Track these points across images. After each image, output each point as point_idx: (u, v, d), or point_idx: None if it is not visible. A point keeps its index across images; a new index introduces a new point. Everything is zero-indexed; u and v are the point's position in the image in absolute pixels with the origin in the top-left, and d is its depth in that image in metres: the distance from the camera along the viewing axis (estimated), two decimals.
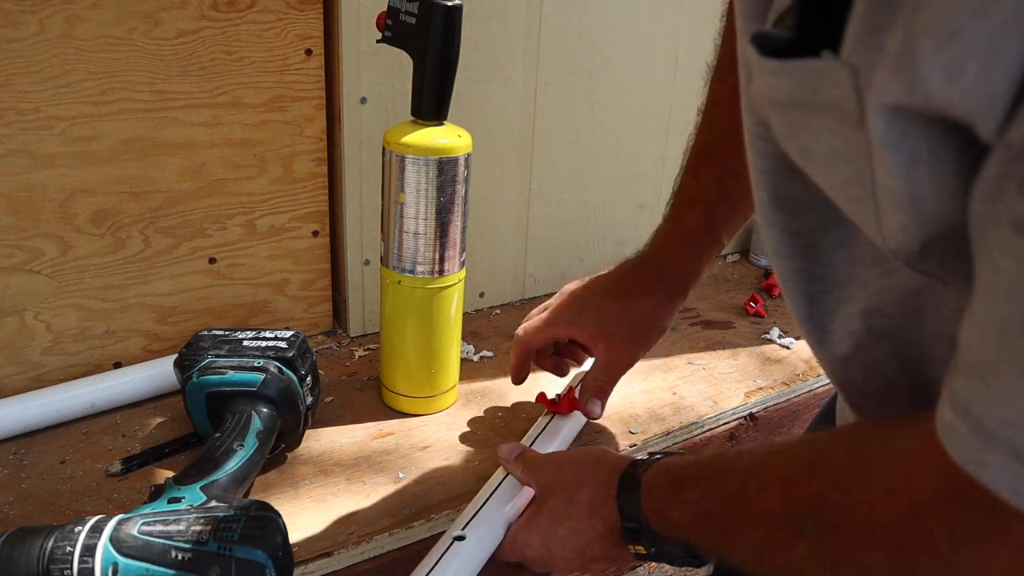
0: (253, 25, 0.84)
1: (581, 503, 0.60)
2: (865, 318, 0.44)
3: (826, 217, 0.43)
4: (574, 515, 0.60)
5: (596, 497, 0.59)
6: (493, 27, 0.97)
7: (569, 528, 0.60)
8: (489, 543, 0.66)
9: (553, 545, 0.61)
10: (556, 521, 0.61)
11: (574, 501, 0.60)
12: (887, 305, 0.42)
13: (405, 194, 0.77)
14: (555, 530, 0.61)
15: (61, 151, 0.79)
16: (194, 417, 0.76)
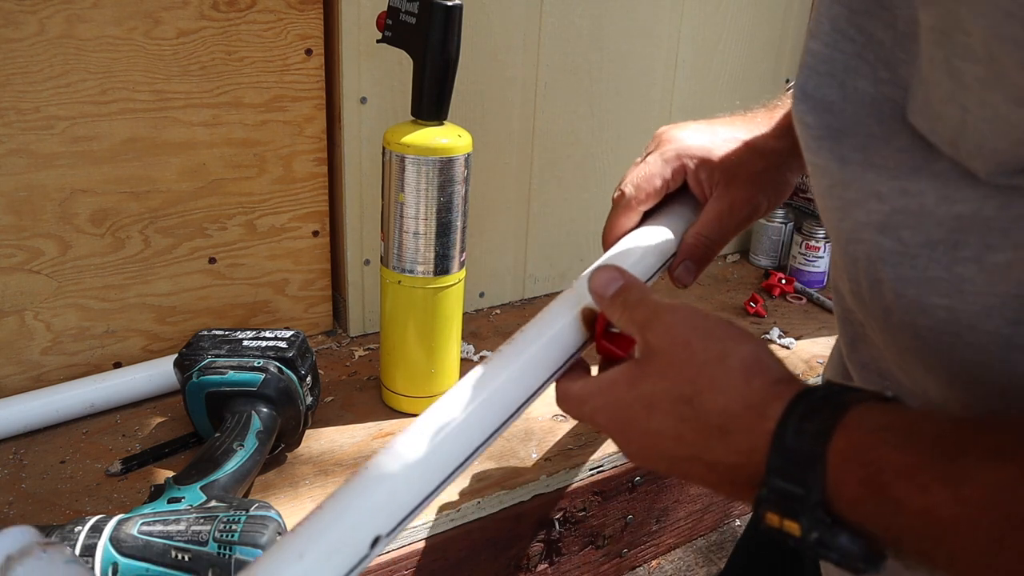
0: (253, 25, 0.84)
1: (705, 409, 0.39)
2: (877, 233, 0.37)
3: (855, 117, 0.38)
4: (687, 419, 0.39)
5: (733, 413, 0.38)
6: (493, 27, 0.97)
7: (671, 430, 0.40)
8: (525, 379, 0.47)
9: (632, 434, 0.42)
10: (653, 408, 0.41)
11: (694, 401, 0.39)
12: (903, 229, 0.36)
13: (405, 194, 0.77)
14: (648, 418, 0.41)
15: (61, 151, 0.79)
16: (194, 417, 0.76)
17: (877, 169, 0.37)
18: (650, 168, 0.59)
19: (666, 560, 1.00)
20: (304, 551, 0.38)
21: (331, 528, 0.40)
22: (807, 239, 1.25)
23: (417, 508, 0.42)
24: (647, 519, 0.92)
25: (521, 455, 0.82)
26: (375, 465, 0.42)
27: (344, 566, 0.39)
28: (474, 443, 0.45)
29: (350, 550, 0.40)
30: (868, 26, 0.38)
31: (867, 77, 0.38)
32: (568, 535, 0.84)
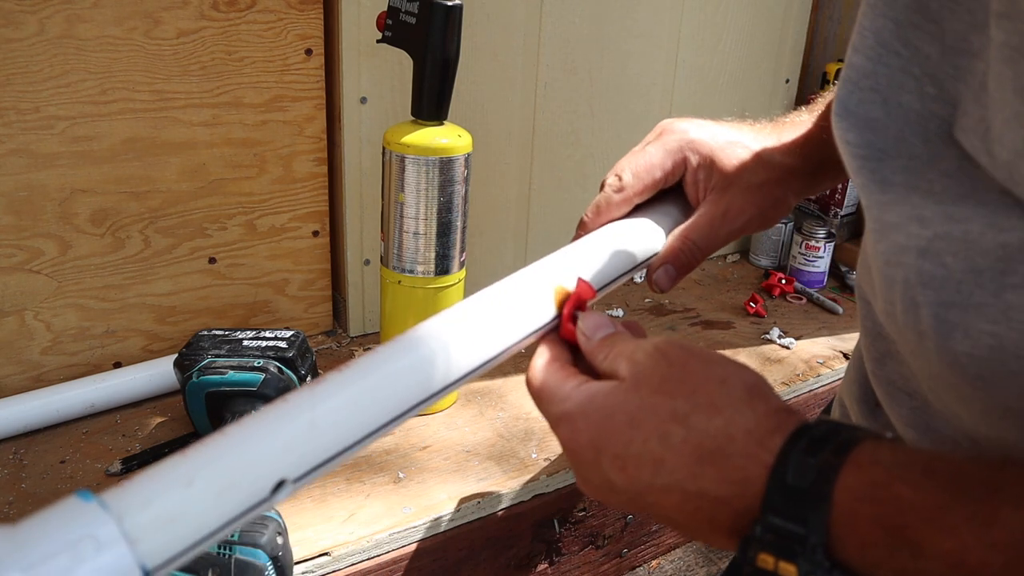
0: (253, 25, 0.84)
1: (700, 429, 0.35)
2: (918, 257, 0.36)
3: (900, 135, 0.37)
4: (675, 442, 0.35)
5: (731, 437, 0.34)
6: (493, 27, 0.97)
7: (652, 454, 0.36)
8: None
9: (603, 455, 0.37)
10: (637, 427, 0.36)
11: (689, 419, 0.35)
12: (946, 255, 0.35)
13: (405, 194, 0.77)
14: (628, 438, 0.36)
15: (61, 151, 0.79)
16: (194, 417, 0.76)
17: (921, 193, 0.36)
18: (650, 158, 0.56)
19: (666, 560, 1.00)
20: (194, 478, 0.32)
21: (231, 459, 0.34)
22: (807, 239, 1.25)
23: (335, 457, 0.36)
24: (647, 519, 0.92)
25: (521, 455, 0.82)
26: (296, 398, 0.36)
27: (236, 506, 0.33)
28: (412, 398, 0.39)
29: (247, 489, 0.33)
30: (915, 40, 0.37)
31: (912, 92, 0.37)
32: (568, 535, 0.84)
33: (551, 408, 0.40)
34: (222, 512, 0.33)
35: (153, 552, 0.30)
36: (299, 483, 0.35)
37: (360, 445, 0.37)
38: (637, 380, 0.38)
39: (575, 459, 0.38)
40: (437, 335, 0.41)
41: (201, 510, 0.32)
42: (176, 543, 0.31)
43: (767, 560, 0.32)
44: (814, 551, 0.31)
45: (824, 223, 1.27)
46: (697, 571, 1.00)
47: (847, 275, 1.29)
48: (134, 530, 0.29)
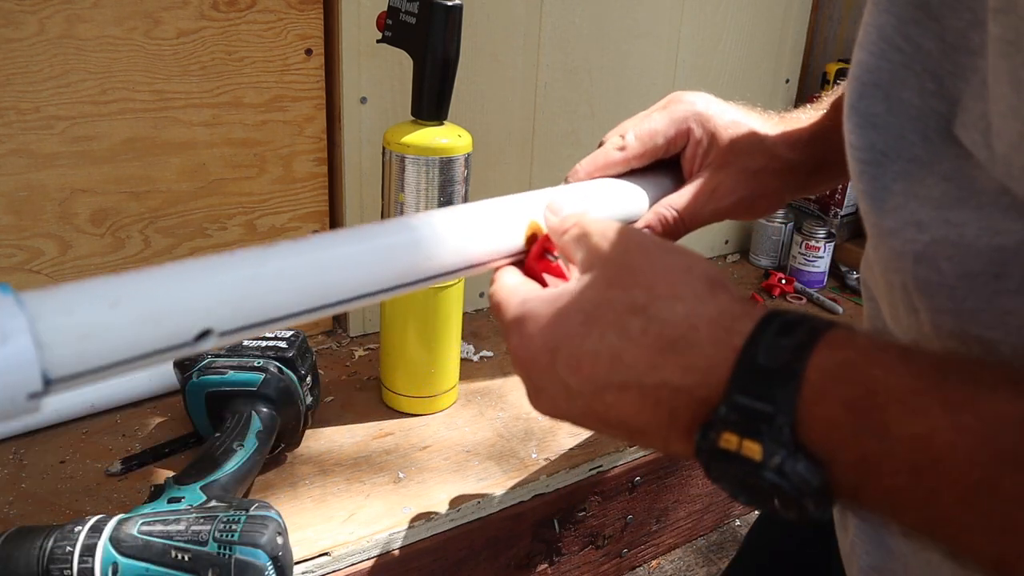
0: (253, 25, 0.84)
1: (661, 319, 0.34)
2: (914, 263, 0.36)
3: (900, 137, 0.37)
4: (634, 333, 0.34)
5: (694, 325, 0.33)
6: (493, 27, 0.97)
7: (610, 349, 0.34)
8: None
9: (559, 359, 0.35)
10: (593, 322, 0.35)
11: (649, 310, 0.34)
12: (941, 259, 0.35)
13: (405, 194, 0.77)
14: (583, 336, 0.35)
15: (61, 151, 0.79)
16: (194, 417, 0.76)
17: (920, 199, 0.36)
18: (654, 124, 0.55)
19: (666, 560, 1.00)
20: (120, 300, 0.30)
21: (162, 293, 0.32)
22: (807, 239, 1.25)
23: (268, 323, 0.35)
24: (647, 519, 0.92)
25: (521, 455, 0.82)
26: (248, 252, 0.35)
27: (155, 341, 0.31)
28: (358, 287, 0.37)
29: (171, 327, 0.31)
30: (916, 36, 0.37)
31: (913, 89, 0.37)
32: (568, 535, 0.84)
33: (505, 316, 0.39)
34: (140, 343, 0.31)
35: (60, 362, 0.28)
36: (225, 338, 0.34)
37: (295, 318, 0.36)
38: (593, 270, 0.37)
39: (527, 368, 0.37)
40: (397, 232, 0.40)
41: (119, 334, 0.30)
42: (85, 360, 0.29)
43: (730, 440, 0.31)
44: (780, 430, 0.30)
45: (824, 223, 1.27)
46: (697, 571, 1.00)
47: (847, 275, 1.29)
48: (46, 334, 0.28)
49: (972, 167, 0.34)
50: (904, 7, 0.37)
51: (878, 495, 0.29)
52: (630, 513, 0.89)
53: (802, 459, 0.30)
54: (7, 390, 0.27)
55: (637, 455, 0.86)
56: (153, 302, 0.31)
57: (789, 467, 0.30)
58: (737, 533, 1.07)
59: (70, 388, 0.29)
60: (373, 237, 0.39)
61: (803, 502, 0.30)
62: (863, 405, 0.29)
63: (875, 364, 0.30)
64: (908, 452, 0.28)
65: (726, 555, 1.02)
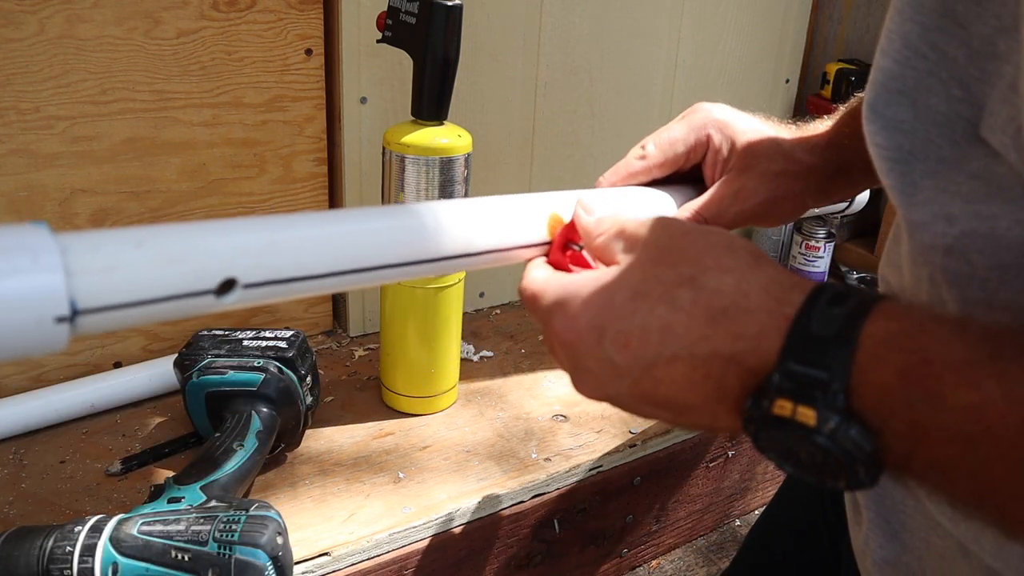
0: (253, 25, 0.84)
1: (711, 288, 0.34)
2: (944, 256, 0.36)
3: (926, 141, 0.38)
4: (683, 304, 0.34)
5: (745, 292, 0.33)
6: (493, 27, 0.97)
7: (659, 321, 0.34)
8: None
9: (607, 339, 0.35)
10: (641, 298, 0.34)
11: (697, 281, 0.34)
12: (972, 252, 0.35)
13: (405, 194, 0.77)
14: (631, 313, 0.34)
15: (61, 151, 0.79)
16: (194, 417, 0.76)
17: (949, 194, 0.36)
18: (674, 133, 0.56)
19: (666, 560, 1.00)
20: (145, 242, 0.31)
21: (188, 239, 0.32)
22: (807, 239, 1.25)
23: (291, 281, 0.34)
24: (647, 519, 0.92)
25: (521, 455, 0.82)
26: (273, 216, 0.36)
27: (179, 283, 0.32)
28: (389, 257, 0.38)
29: (195, 271, 0.32)
30: (941, 43, 0.37)
31: (940, 95, 0.37)
32: (568, 535, 0.84)
33: (543, 302, 0.38)
34: (163, 284, 0.31)
35: (86, 292, 0.29)
36: (249, 292, 0.33)
37: (320, 281, 0.36)
38: (637, 252, 0.37)
39: (572, 350, 0.36)
40: (426, 212, 0.40)
41: (144, 274, 0.31)
42: (111, 294, 0.30)
43: (784, 406, 0.31)
44: (835, 396, 0.30)
45: (824, 223, 1.27)
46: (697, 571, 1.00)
47: (847, 275, 1.29)
48: (75, 264, 0.29)
49: (1001, 165, 0.35)
50: (929, 15, 0.38)
51: (929, 463, 0.29)
52: (630, 513, 0.89)
53: (855, 425, 0.30)
54: (36, 310, 0.28)
55: (637, 455, 0.86)
56: (177, 245, 0.32)
57: (843, 432, 0.30)
58: (737, 533, 1.07)
59: (96, 327, 0.30)
60: (403, 214, 0.40)
61: (855, 467, 0.30)
62: (917, 373, 0.29)
63: (928, 334, 0.30)
64: (961, 422, 0.28)
65: (726, 555, 1.02)
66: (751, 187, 0.54)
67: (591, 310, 0.36)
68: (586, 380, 0.37)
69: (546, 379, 0.94)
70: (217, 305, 0.33)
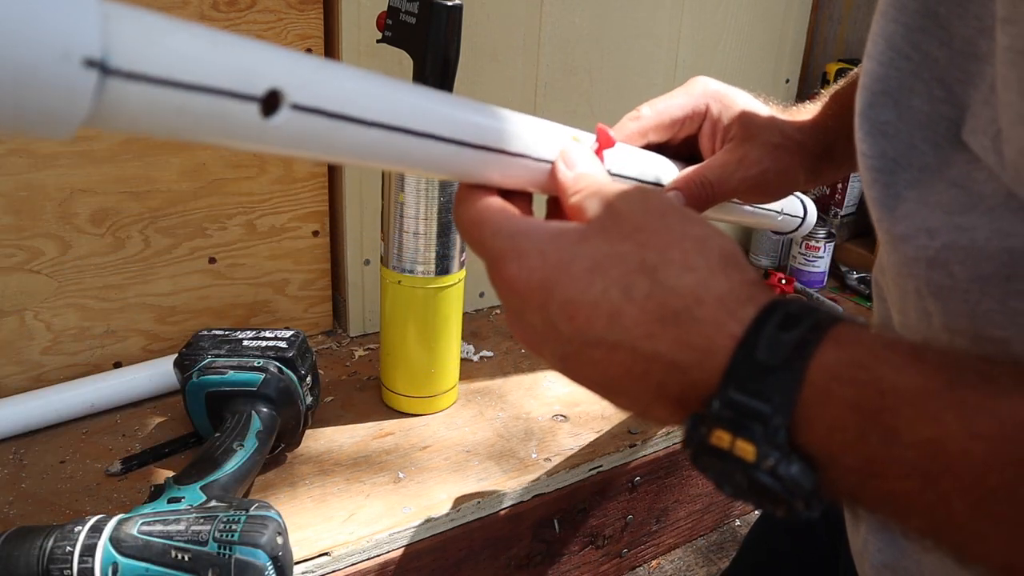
0: (253, 25, 0.84)
1: (669, 286, 0.32)
2: (927, 268, 0.36)
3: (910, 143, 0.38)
4: (637, 295, 0.32)
5: (700, 299, 0.32)
6: (493, 27, 0.97)
7: (609, 304, 0.32)
8: None
9: (552, 300, 0.33)
10: (598, 271, 0.33)
11: (657, 272, 0.32)
12: (953, 264, 0.35)
13: (405, 194, 0.77)
14: (587, 283, 0.33)
15: (61, 151, 0.79)
16: (194, 417, 0.76)
17: (930, 206, 0.36)
18: (671, 98, 0.55)
19: (666, 560, 1.00)
20: (192, 26, 0.27)
21: (236, 39, 0.28)
22: (807, 239, 1.25)
23: (337, 119, 0.31)
24: (647, 519, 0.92)
25: (521, 455, 0.82)
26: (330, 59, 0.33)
27: (219, 73, 0.27)
28: (432, 125, 0.35)
29: (239, 68, 0.28)
30: (924, 44, 0.37)
31: (922, 96, 0.37)
32: (568, 535, 0.84)
33: (496, 241, 0.36)
34: (207, 69, 0.26)
35: (121, 43, 0.24)
36: (295, 119, 0.30)
37: (367, 131, 0.33)
38: (608, 222, 0.35)
39: (518, 299, 0.35)
40: (467, 104, 0.38)
41: (187, 50, 0.26)
42: (147, 57, 0.24)
43: (722, 438, 0.30)
44: (777, 432, 0.29)
45: (824, 223, 1.27)
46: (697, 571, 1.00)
47: (847, 275, 1.29)
48: (113, 11, 0.24)
49: (980, 172, 0.35)
50: (912, 16, 0.38)
51: (882, 497, 0.28)
52: (630, 513, 0.89)
53: (796, 462, 0.29)
54: (63, 38, 0.22)
55: (637, 455, 0.86)
56: (226, 37, 0.27)
57: (783, 470, 0.29)
58: (737, 533, 1.07)
59: (124, 105, 0.24)
60: (447, 100, 0.38)
61: (793, 502, 0.29)
62: (871, 407, 0.28)
63: (884, 363, 0.28)
64: (919, 457, 0.27)
65: (726, 555, 1.02)
66: (754, 156, 0.54)
67: (546, 269, 0.34)
68: (524, 331, 0.36)
69: (546, 379, 0.94)
70: (260, 129, 0.29)
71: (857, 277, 1.27)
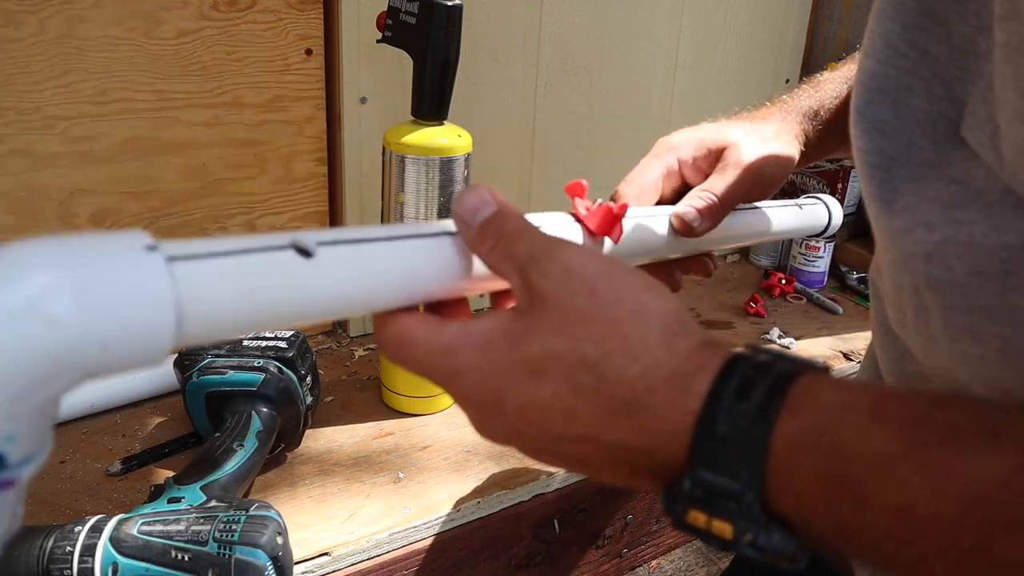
0: (253, 25, 0.84)
1: (614, 378, 0.31)
2: (925, 262, 0.36)
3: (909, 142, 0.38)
4: (585, 390, 0.31)
5: (650, 386, 0.31)
6: (493, 27, 0.97)
7: (562, 404, 0.32)
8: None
9: (507, 407, 0.33)
10: (541, 375, 0.32)
11: (599, 367, 0.31)
12: (952, 258, 0.35)
13: (405, 194, 0.77)
14: (535, 388, 0.32)
15: (61, 151, 0.79)
16: (194, 417, 0.76)
17: (929, 200, 0.36)
18: (643, 167, 0.57)
19: (666, 560, 1.00)
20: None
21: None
22: (807, 239, 1.25)
23: (362, 241, 0.34)
24: (647, 519, 0.92)
25: (521, 455, 0.82)
26: None
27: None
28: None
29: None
30: (922, 42, 0.38)
31: (921, 94, 0.38)
32: (568, 535, 0.84)
33: (432, 362, 0.35)
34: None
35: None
36: (325, 248, 0.32)
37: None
38: (536, 315, 0.33)
39: (474, 411, 0.35)
40: None
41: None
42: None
43: (698, 518, 0.30)
44: (751, 507, 0.29)
45: None
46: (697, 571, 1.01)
47: (847, 275, 1.29)
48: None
49: (979, 168, 0.35)
50: (909, 14, 0.38)
51: (863, 555, 0.28)
52: (630, 513, 0.89)
53: (776, 530, 0.29)
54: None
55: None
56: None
57: (763, 541, 0.29)
58: None
59: (196, 330, 0.29)
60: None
61: (779, 562, 0.29)
62: (837, 475, 0.27)
63: (846, 427, 0.28)
64: (891, 523, 0.27)
65: (726, 555, 1.02)
66: (742, 158, 0.56)
67: (488, 382, 0.33)
68: (492, 434, 0.35)
69: None
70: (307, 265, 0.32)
71: (857, 277, 1.27)
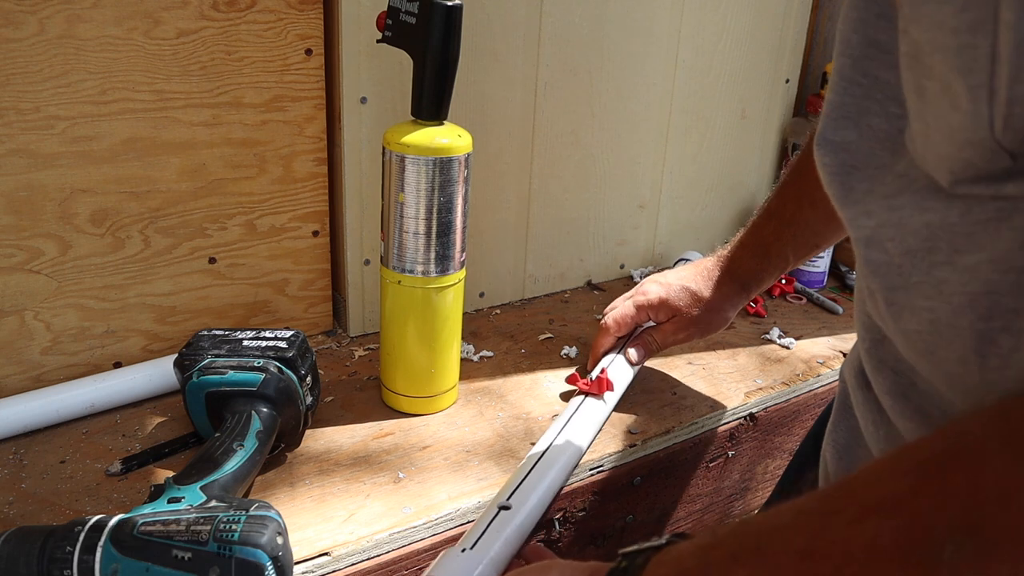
0: (253, 25, 0.84)
1: None
2: (865, 247, 0.42)
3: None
4: None
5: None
6: (493, 27, 0.97)
7: None
8: (535, 512, 0.70)
9: None
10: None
11: None
12: (886, 240, 0.40)
13: (405, 194, 0.77)
14: None
15: (61, 151, 0.79)
16: (194, 417, 0.76)
17: (875, 195, 0.41)
18: (625, 311, 0.91)
19: None
20: None
21: None
22: None
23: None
24: (647, 519, 0.92)
25: (521, 455, 0.82)
26: None
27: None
28: None
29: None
30: (872, 70, 0.43)
31: (879, 115, 0.43)
32: (568, 535, 0.84)
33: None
34: None
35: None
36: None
37: None
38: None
39: None
40: None
41: None
42: None
43: None
44: None
45: None
46: None
47: (847, 275, 1.29)
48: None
49: (918, 167, 0.39)
50: (856, 48, 0.44)
51: None
52: (630, 513, 0.89)
53: None
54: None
55: (637, 455, 0.86)
56: None
57: None
58: None
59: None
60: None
61: None
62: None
63: None
64: None
65: None
66: (673, 331, 0.91)
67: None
68: None
69: (546, 379, 0.94)
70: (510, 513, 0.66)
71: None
